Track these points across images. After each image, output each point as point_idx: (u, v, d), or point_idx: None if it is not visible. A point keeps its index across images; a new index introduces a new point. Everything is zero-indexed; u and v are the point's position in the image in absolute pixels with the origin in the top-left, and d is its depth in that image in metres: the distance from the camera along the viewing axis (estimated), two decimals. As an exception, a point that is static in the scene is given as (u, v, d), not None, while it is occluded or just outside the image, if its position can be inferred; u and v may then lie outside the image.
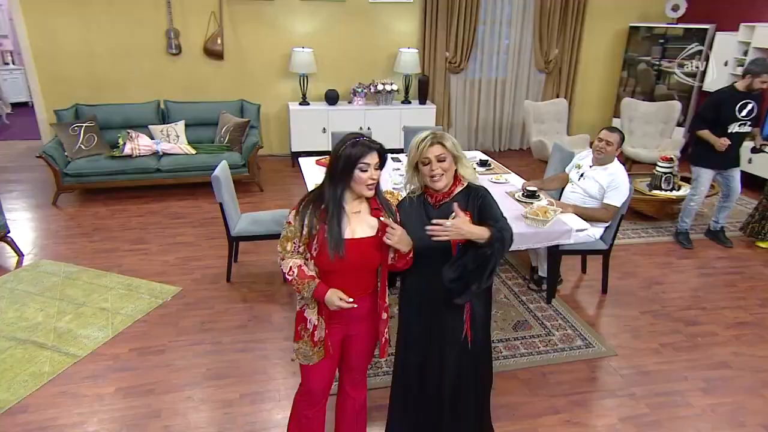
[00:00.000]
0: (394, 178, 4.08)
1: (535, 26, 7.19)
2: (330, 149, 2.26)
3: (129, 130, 5.54)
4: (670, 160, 5.19)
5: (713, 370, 3.21)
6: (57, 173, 5.23)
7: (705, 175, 4.55)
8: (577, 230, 3.39)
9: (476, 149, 7.19)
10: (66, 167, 5.29)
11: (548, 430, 2.71)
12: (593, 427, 2.75)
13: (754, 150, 5.13)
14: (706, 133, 4.42)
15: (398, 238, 1.94)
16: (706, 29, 6.93)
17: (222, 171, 3.87)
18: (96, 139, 5.50)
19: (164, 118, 5.97)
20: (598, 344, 3.39)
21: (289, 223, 2.03)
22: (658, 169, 5.21)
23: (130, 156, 5.40)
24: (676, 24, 7.17)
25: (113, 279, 4.00)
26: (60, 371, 3.03)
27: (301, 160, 4.64)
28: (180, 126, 5.82)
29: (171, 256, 4.42)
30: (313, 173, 4.29)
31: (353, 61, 6.83)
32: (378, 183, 2.04)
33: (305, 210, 2.02)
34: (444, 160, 2.00)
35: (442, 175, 2.01)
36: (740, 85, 4.35)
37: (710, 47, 6.95)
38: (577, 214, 3.58)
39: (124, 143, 5.39)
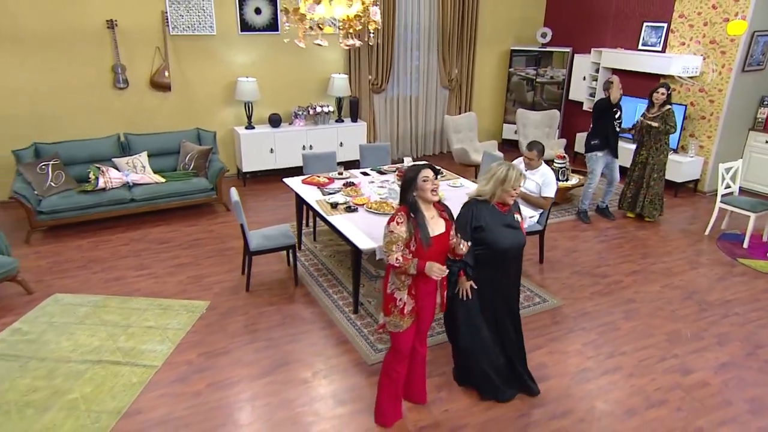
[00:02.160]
0: (378, 191, 4.98)
1: (439, 50, 8.48)
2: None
3: (98, 165, 5.74)
4: (564, 157, 6.73)
5: (626, 305, 4.60)
6: (30, 212, 5.31)
7: (596, 161, 6.12)
8: (529, 217, 4.61)
9: (398, 155, 8.36)
10: (39, 205, 5.38)
11: (540, 359, 3.85)
12: (567, 352, 3.94)
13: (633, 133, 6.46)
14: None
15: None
16: (567, 52, 8.76)
17: (236, 196, 4.47)
18: (64, 175, 5.63)
19: (125, 150, 6.21)
20: (551, 299, 4.64)
21: (392, 232, 2.86)
22: (555, 164, 6.71)
23: (103, 189, 5.63)
24: (545, 48, 8.92)
25: (141, 302, 4.41)
26: (148, 379, 3.51)
27: (287, 180, 5.33)
28: (143, 157, 6.12)
29: (181, 276, 4.88)
30: (305, 190, 5.04)
31: (291, 87, 7.55)
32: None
33: (401, 220, 2.88)
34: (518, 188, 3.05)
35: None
36: (611, 98, 5.96)
37: (570, 65, 8.80)
38: (522, 197, 4.78)
39: (97, 177, 5.61)
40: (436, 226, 2.94)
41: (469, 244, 3.04)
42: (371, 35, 3.68)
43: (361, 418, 3.26)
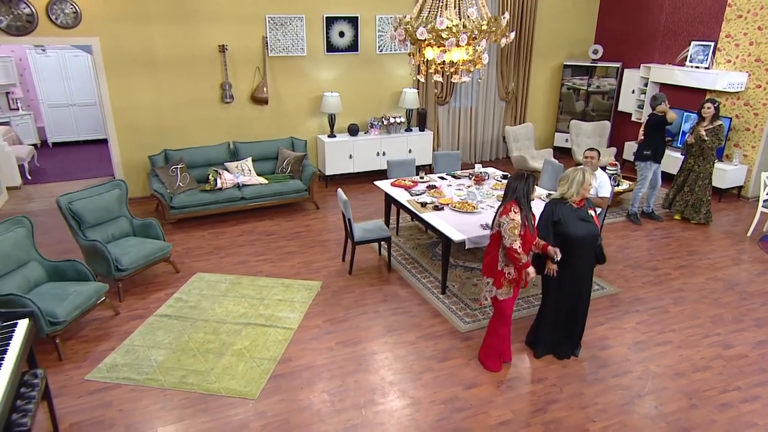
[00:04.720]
0: (458, 194, 5.86)
1: (498, 65, 9.31)
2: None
3: (216, 168, 6.81)
4: (615, 164, 7.47)
5: (675, 293, 5.34)
6: (165, 207, 6.41)
7: (648, 168, 6.83)
8: (591, 216, 5.41)
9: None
10: (171, 202, 6.47)
11: (602, 333, 4.65)
12: (624, 328, 4.73)
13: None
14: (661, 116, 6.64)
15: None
16: (617, 67, 9.46)
17: (344, 196, 5.41)
18: (189, 177, 6.72)
19: (233, 155, 7.28)
20: (608, 287, 5.42)
21: (513, 219, 3.72)
22: (608, 171, 7.45)
23: (220, 189, 6.69)
24: (596, 63, 9.63)
25: (267, 281, 5.40)
26: (290, 338, 4.48)
27: (378, 182, 6.27)
28: (249, 162, 7.17)
29: (293, 261, 5.86)
30: (397, 192, 5.95)
31: (367, 100, 8.52)
32: None
33: (516, 210, 3.75)
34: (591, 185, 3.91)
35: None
36: (668, 118, 6.66)
37: (620, 79, 9.49)
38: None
39: (215, 179, 6.67)
40: (533, 217, 3.84)
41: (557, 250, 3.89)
42: (480, 73, 4.65)
43: (462, 370, 4.14)
